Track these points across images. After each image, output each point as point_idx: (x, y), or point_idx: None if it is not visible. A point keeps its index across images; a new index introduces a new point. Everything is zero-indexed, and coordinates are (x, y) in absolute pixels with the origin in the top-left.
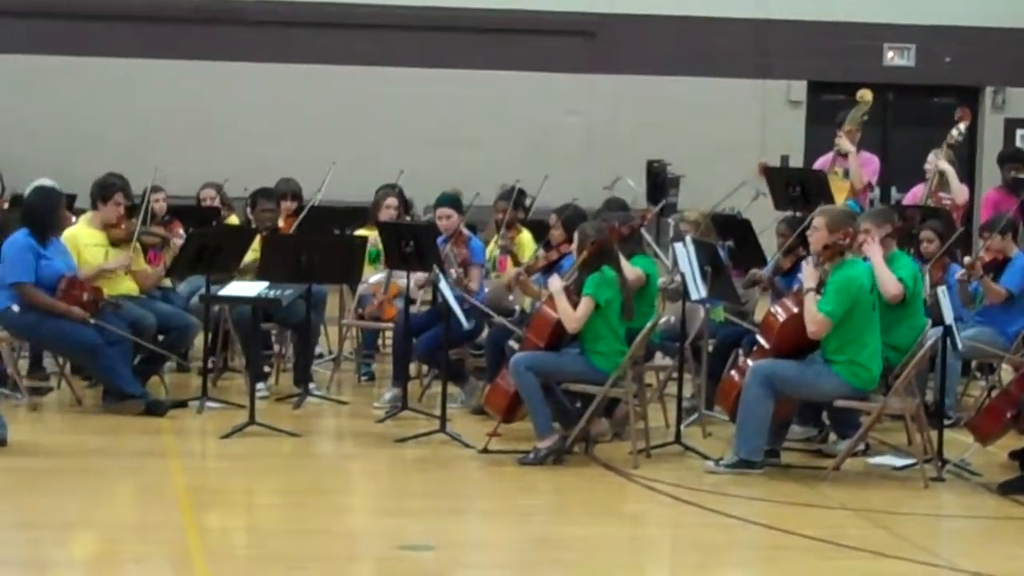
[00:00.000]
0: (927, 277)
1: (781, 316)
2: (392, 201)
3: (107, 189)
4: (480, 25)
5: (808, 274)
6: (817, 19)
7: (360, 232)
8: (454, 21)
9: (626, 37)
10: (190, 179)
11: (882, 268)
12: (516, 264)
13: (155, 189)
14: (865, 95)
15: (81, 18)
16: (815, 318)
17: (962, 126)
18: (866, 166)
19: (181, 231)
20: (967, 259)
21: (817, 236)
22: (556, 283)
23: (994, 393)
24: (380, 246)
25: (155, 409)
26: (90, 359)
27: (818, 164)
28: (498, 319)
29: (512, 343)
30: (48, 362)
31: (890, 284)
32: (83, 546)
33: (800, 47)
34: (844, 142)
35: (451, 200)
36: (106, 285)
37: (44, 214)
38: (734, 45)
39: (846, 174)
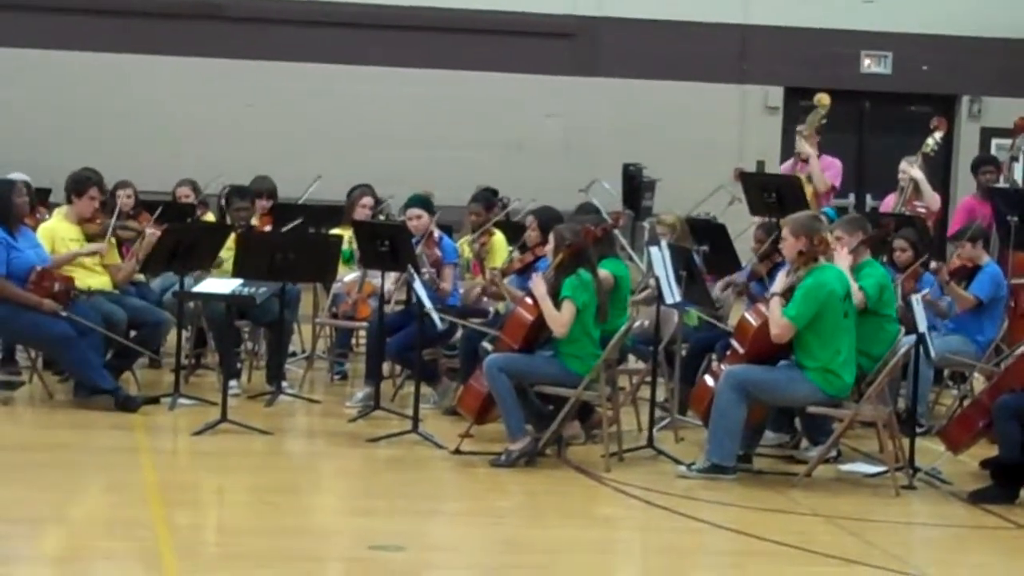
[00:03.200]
0: (899, 287)
1: (755, 321)
2: (367, 200)
3: (81, 183)
4: (460, 25)
5: (778, 280)
6: (795, 25)
7: (335, 231)
8: (434, 21)
9: (606, 40)
10: (165, 174)
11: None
12: (484, 269)
13: (122, 185)
14: (823, 99)
15: (57, 11)
16: (778, 321)
17: (938, 135)
18: (828, 170)
19: (150, 223)
20: (932, 265)
21: (785, 244)
22: (540, 287)
23: (966, 402)
24: (354, 246)
25: (127, 405)
26: (63, 352)
27: (782, 170)
28: (472, 324)
29: (486, 344)
30: (20, 356)
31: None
32: (52, 541)
33: (778, 53)
34: (804, 146)
35: (421, 201)
36: (80, 280)
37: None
38: (713, 50)
39: (809, 179)
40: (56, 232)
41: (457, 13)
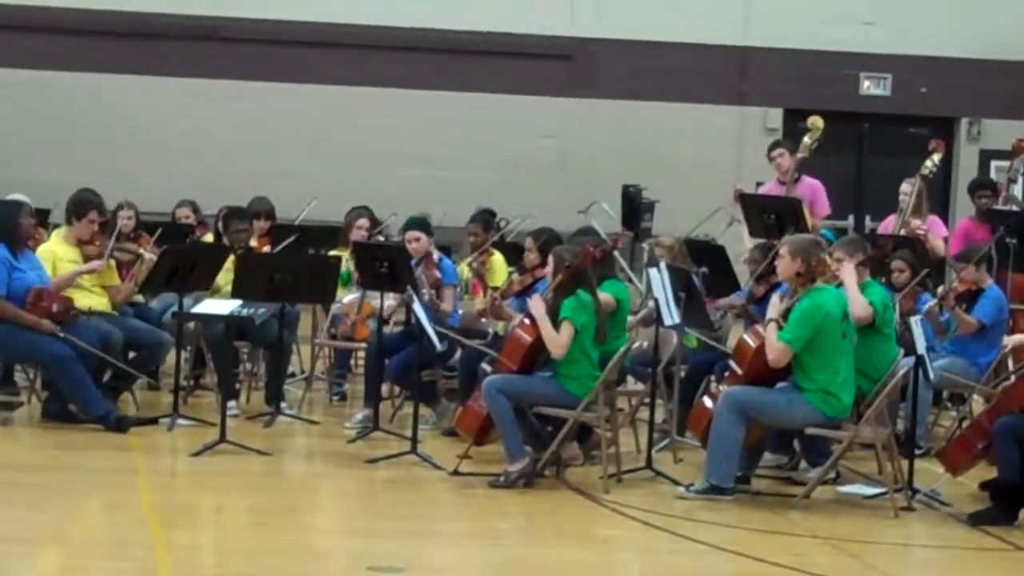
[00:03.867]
0: (898, 307)
1: (754, 343)
2: (364, 222)
3: (82, 206)
4: (458, 47)
5: (773, 304)
6: (795, 47)
7: (333, 253)
8: (432, 42)
9: (604, 61)
10: (164, 195)
11: (854, 290)
12: (486, 288)
13: (123, 206)
14: (816, 122)
15: (57, 32)
16: (774, 346)
17: (936, 157)
18: (818, 194)
19: (151, 246)
20: (940, 289)
21: (782, 264)
22: (540, 308)
23: (965, 424)
24: (351, 267)
25: (119, 426)
26: (60, 372)
27: (765, 190)
28: (470, 343)
29: (485, 365)
30: (19, 376)
31: (859, 306)
32: (51, 562)
33: (777, 75)
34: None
35: (419, 223)
36: (79, 301)
37: (6, 225)
38: (712, 71)
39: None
40: (58, 254)
41: (455, 35)
